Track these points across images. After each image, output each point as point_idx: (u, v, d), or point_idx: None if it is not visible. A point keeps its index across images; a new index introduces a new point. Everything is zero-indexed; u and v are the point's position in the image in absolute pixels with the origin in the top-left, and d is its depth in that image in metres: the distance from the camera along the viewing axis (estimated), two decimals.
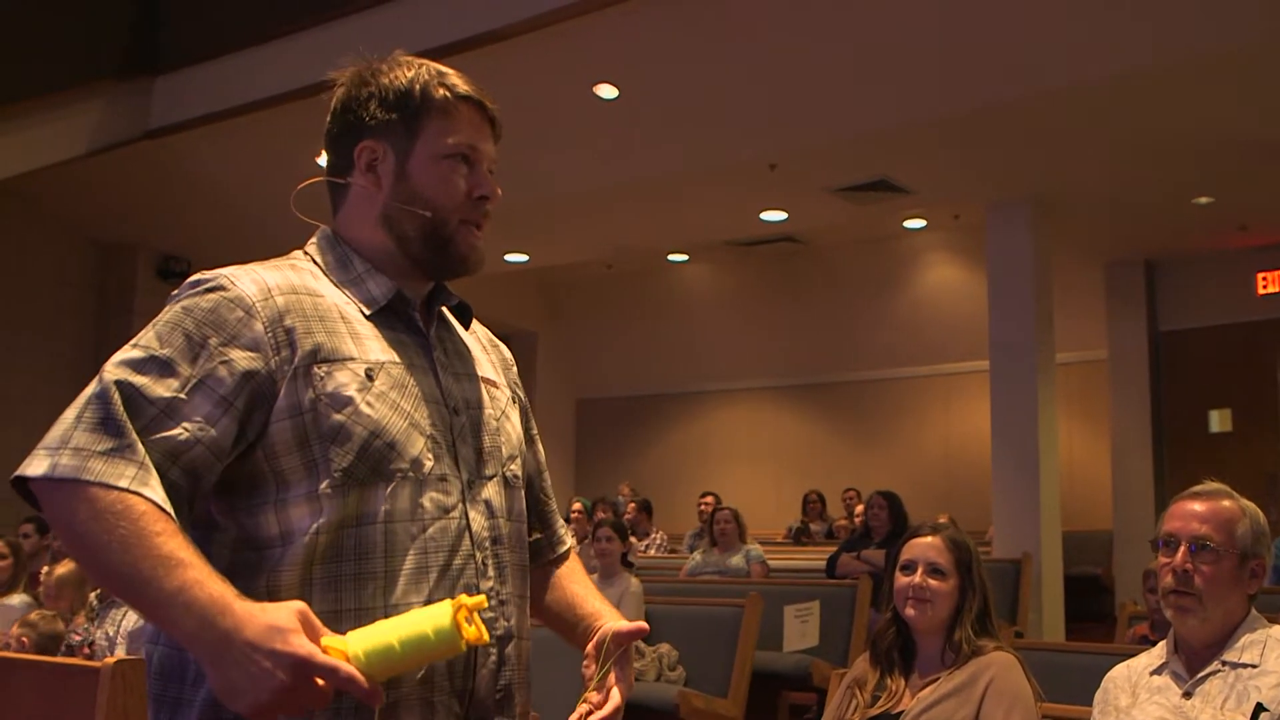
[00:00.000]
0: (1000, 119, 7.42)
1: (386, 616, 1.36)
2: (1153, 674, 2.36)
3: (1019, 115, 7.34)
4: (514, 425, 1.71)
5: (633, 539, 9.11)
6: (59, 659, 4.16)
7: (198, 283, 1.50)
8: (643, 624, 1.67)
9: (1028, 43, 6.58)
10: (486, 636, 1.36)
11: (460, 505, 1.54)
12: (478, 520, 1.56)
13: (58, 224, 10.46)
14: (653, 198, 9.27)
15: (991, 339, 8.75)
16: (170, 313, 1.46)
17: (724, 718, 5.26)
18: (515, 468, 1.67)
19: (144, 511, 1.30)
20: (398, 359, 1.53)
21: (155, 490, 1.33)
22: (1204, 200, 8.98)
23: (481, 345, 1.75)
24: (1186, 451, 10.28)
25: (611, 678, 1.62)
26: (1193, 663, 2.30)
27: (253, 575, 1.42)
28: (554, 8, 6.55)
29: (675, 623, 5.70)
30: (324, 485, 1.43)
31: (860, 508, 8.92)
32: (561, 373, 13.87)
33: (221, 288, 1.48)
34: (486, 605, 1.42)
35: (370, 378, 1.48)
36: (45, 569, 5.53)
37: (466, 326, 1.73)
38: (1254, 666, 2.21)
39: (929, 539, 2.74)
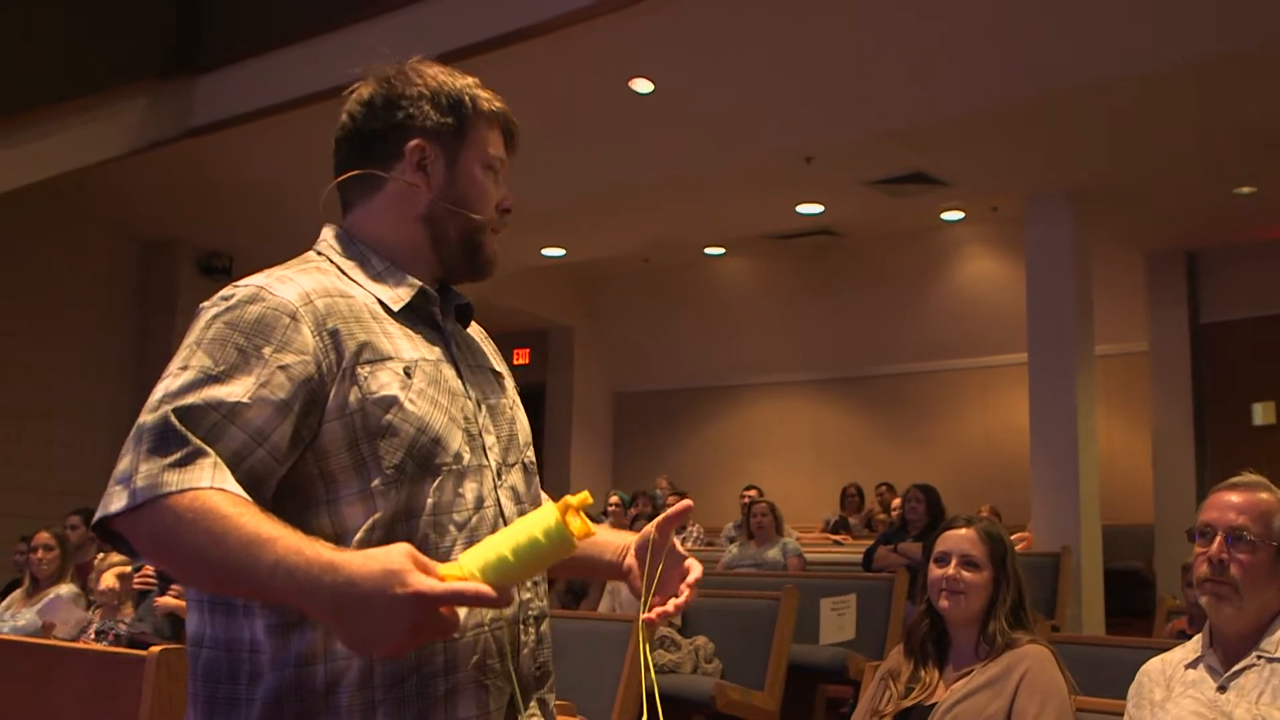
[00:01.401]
0: (1039, 110, 7.37)
1: None
2: (1188, 667, 2.35)
3: (1058, 106, 7.29)
4: (523, 414, 1.75)
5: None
6: (106, 647, 4.23)
7: (233, 294, 1.52)
8: (688, 502, 1.70)
9: (1066, 34, 6.53)
10: (593, 529, 1.41)
11: (494, 494, 1.59)
12: (508, 507, 1.61)
13: (101, 222, 10.60)
14: (689, 191, 9.28)
15: (1030, 331, 8.70)
16: (214, 328, 1.47)
17: (760, 710, 5.29)
18: (531, 454, 1.73)
19: (220, 501, 1.32)
20: (427, 355, 1.57)
21: (230, 483, 1.36)
22: (1246, 190, 8.88)
23: (481, 339, 1.78)
24: (1229, 445, 10.18)
25: (680, 550, 1.65)
26: (1228, 656, 2.30)
27: None
28: (588, 4, 6.57)
29: (711, 615, 5.72)
30: (376, 483, 1.47)
31: (896, 501, 8.90)
32: (599, 367, 13.90)
33: (261, 298, 1.50)
34: (591, 501, 1.44)
35: (409, 375, 1.52)
36: (99, 557, 5.62)
37: (466, 327, 1.75)
38: None
39: (963, 531, 2.75)
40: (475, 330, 1.78)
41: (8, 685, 3.80)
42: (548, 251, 10.92)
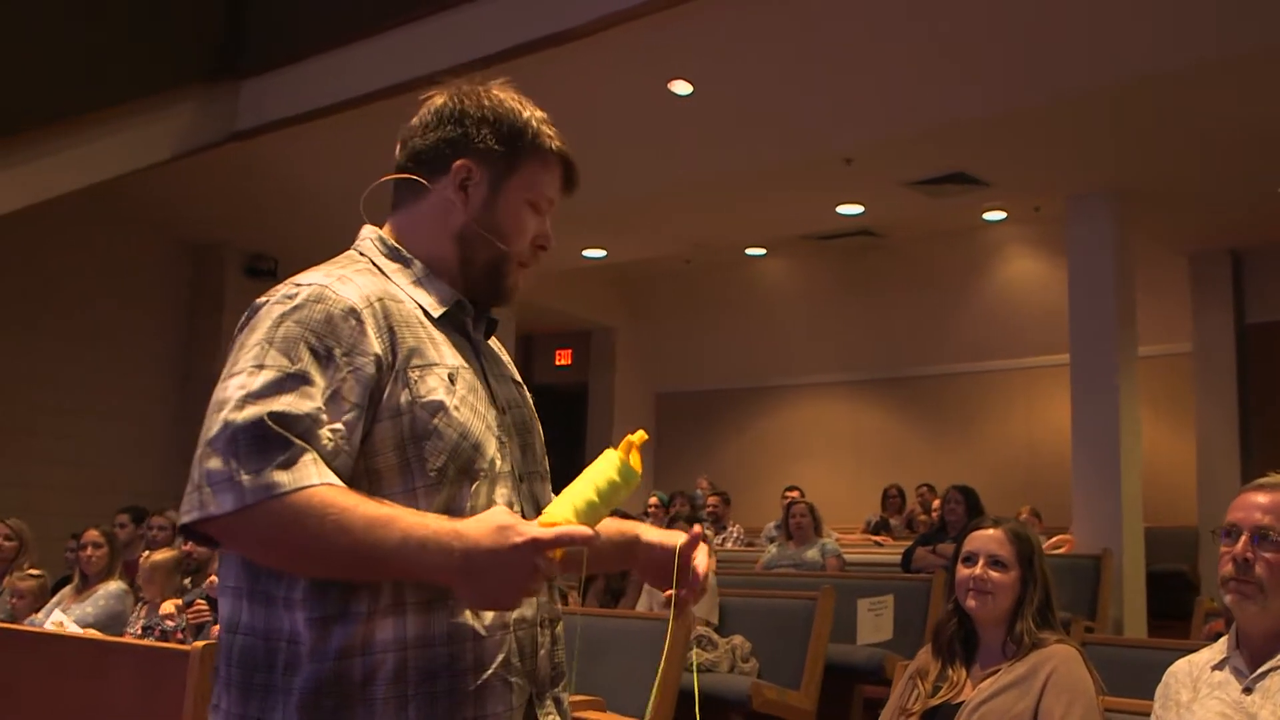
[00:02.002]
0: (1081, 109, 7.34)
1: None
2: (1214, 669, 2.35)
3: (1100, 105, 7.26)
4: (539, 424, 1.81)
5: (709, 532, 9.16)
6: (152, 642, 4.32)
7: (297, 293, 1.55)
8: (698, 529, 1.79)
9: (1108, 31, 6.50)
10: (640, 469, 1.58)
11: (518, 499, 1.65)
12: (528, 511, 1.66)
13: (149, 225, 10.76)
14: (729, 193, 9.30)
15: (1072, 332, 8.66)
16: (285, 327, 1.50)
17: (797, 710, 5.31)
18: (547, 462, 1.80)
19: (337, 494, 1.41)
20: (465, 363, 1.63)
21: (333, 477, 1.43)
22: None
23: (498, 349, 1.83)
24: (1275, 446, 10.06)
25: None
26: (1254, 658, 2.30)
27: None
28: (627, 6, 6.61)
29: (749, 615, 5.75)
30: (419, 483, 1.53)
31: (936, 502, 8.88)
32: (641, 367, 13.94)
33: (326, 298, 1.53)
34: (646, 437, 1.60)
35: (453, 382, 1.58)
36: (144, 554, 5.73)
37: (486, 339, 1.79)
38: None
39: (990, 531, 2.77)
40: (493, 341, 1.83)
41: (58, 679, 3.90)
42: (589, 253, 10.97)
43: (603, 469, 1.55)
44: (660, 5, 6.54)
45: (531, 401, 1.81)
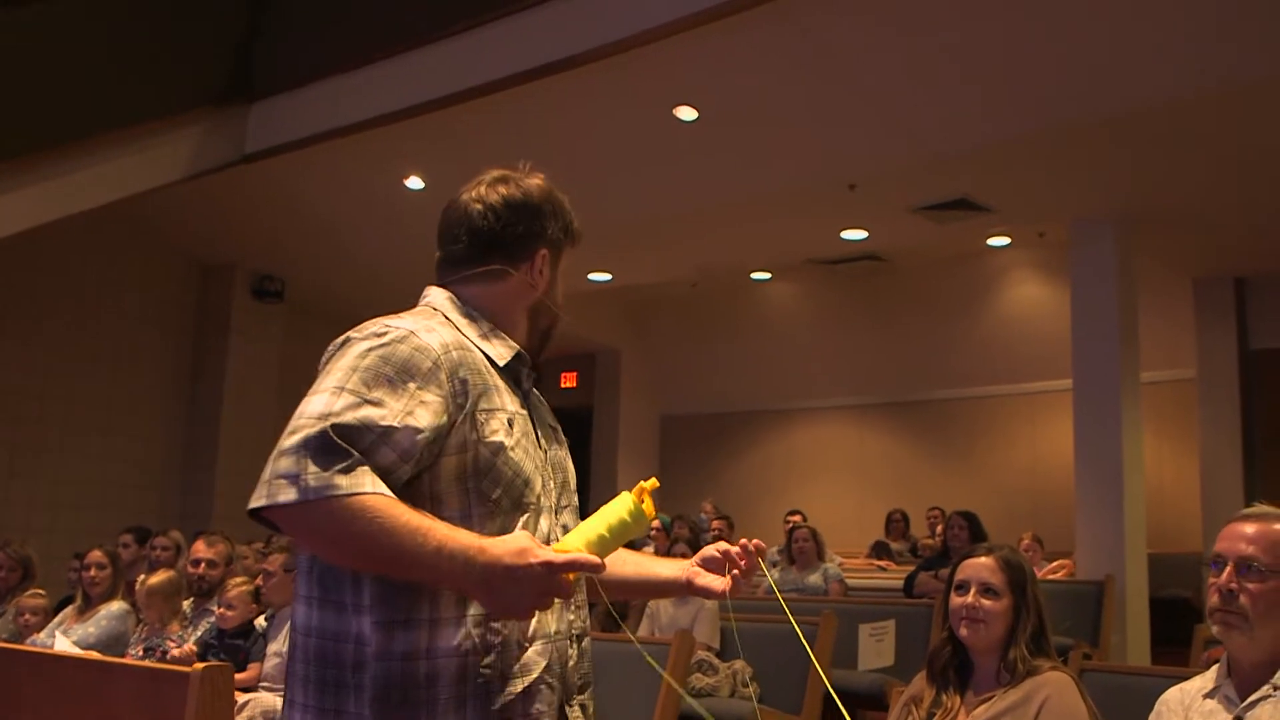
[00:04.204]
0: (1085, 135, 7.36)
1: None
2: (1205, 697, 2.36)
3: (1104, 131, 7.27)
4: (572, 463, 2.07)
5: None
6: (152, 664, 4.34)
7: (386, 333, 1.79)
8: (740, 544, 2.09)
9: (1113, 58, 6.52)
10: (653, 513, 1.82)
11: (554, 529, 1.90)
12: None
13: (158, 245, 10.83)
14: (734, 217, 9.33)
15: (1075, 357, 8.67)
16: (369, 359, 1.74)
17: None
18: (577, 497, 2.05)
19: (386, 503, 1.62)
20: (519, 409, 1.89)
21: (385, 489, 1.64)
22: None
23: (538, 399, 2.06)
24: (1279, 472, 10.07)
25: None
26: (1244, 686, 2.31)
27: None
28: (632, 32, 6.66)
29: (751, 640, 5.74)
30: (476, 511, 1.78)
31: (941, 527, 8.87)
32: (645, 390, 13.96)
33: (411, 341, 1.78)
34: (658, 484, 1.88)
35: (511, 425, 1.84)
36: (140, 579, 5.73)
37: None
38: None
39: (982, 559, 2.78)
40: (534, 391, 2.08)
41: (60, 699, 3.91)
42: (594, 276, 11.00)
43: (616, 509, 1.79)
44: (665, 32, 6.58)
45: (565, 444, 2.06)
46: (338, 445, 1.62)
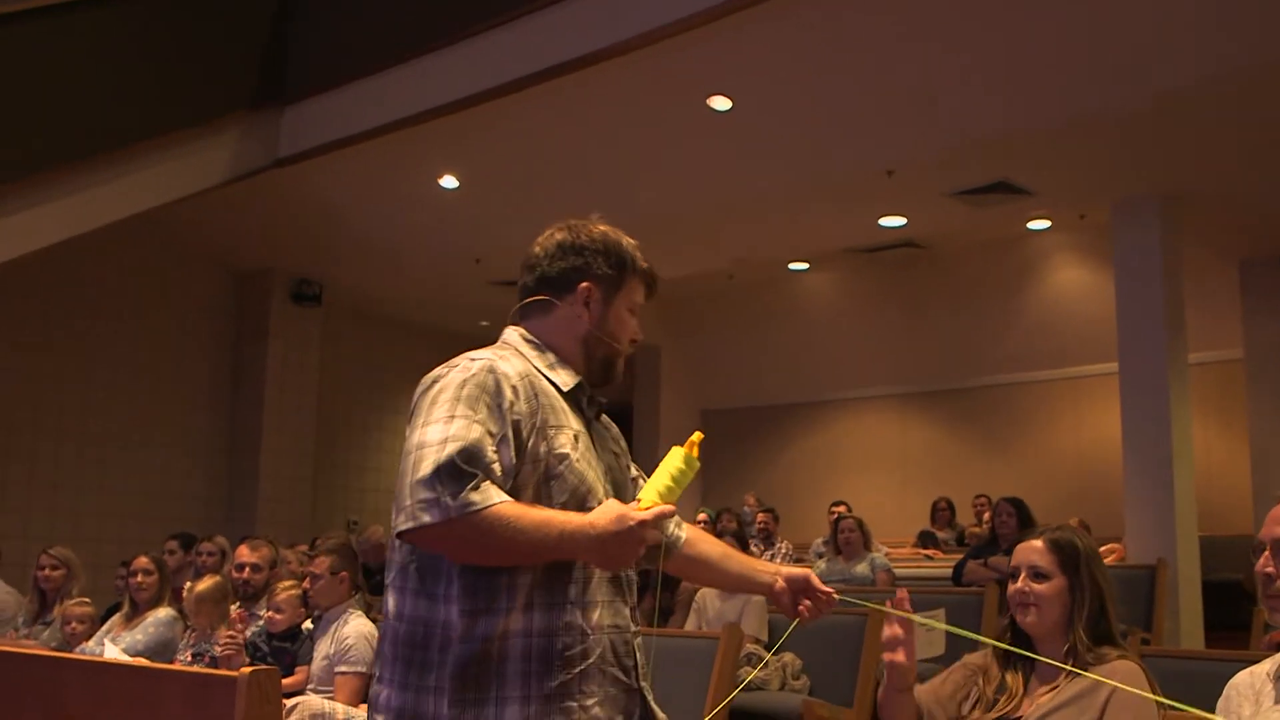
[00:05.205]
0: (1125, 116, 7.27)
1: (580, 606, 2.05)
2: (1275, 681, 2.30)
3: (1145, 111, 7.17)
4: (629, 480, 2.34)
5: (757, 548, 9.10)
6: (200, 669, 4.33)
7: (473, 365, 2.07)
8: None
9: (1152, 38, 6.43)
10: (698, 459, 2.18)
11: None
12: None
13: (195, 252, 10.88)
14: (770, 208, 9.27)
15: (1120, 340, 8.55)
16: (468, 389, 2.01)
17: None
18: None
19: (512, 508, 1.92)
20: (583, 429, 2.18)
21: (507, 496, 1.94)
22: None
23: (606, 425, 2.35)
24: None
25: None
26: None
27: (495, 574, 2.00)
28: (664, 23, 6.61)
29: (799, 632, 5.66)
30: None
31: (989, 515, 8.78)
32: (685, 385, 13.91)
33: (495, 369, 2.06)
34: (702, 437, 2.23)
35: (577, 440, 2.12)
36: (187, 585, 5.74)
37: (598, 418, 2.30)
38: None
39: (1032, 543, 2.70)
40: (604, 419, 2.36)
41: (108, 707, 3.90)
42: None
43: (674, 461, 2.14)
44: (698, 21, 6.53)
45: (629, 464, 2.36)
46: (463, 469, 1.90)
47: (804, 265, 12.51)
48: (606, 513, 1.98)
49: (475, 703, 1.97)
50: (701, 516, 9.61)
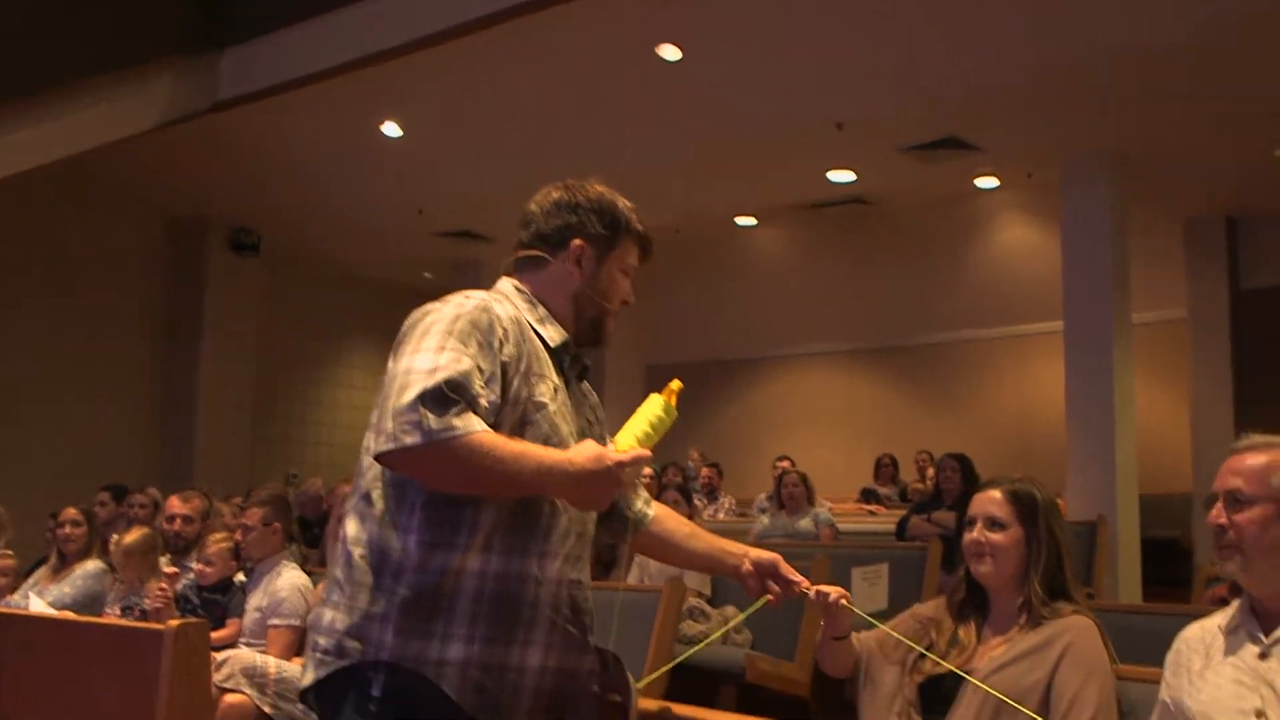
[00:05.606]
0: (1074, 75, 7.26)
1: (538, 555, 2.05)
2: (1228, 634, 2.27)
3: (1094, 71, 7.16)
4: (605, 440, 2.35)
5: (700, 502, 9.09)
6: (126, 622, 4.22)
7: (467, 302, 2.08)
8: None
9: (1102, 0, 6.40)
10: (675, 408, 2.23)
11: None
12: None
13: (129, 198, 10.62)
14: (718, 160, 9.20)
15: (1066, 299, 8.60)
16: (460, 324, 2.03)
17: (791, 681, 5.23)
18: None
19: (493, 438, 1.94)
20: (562, 384, 2.20)
21: (487, 427, 1.95)
22: None
23: (586, 391, 2.37)
24: (1269, 412, 9.94)
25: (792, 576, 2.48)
26: (1267, 622, 2.21)
27: (458, 508, 2.01)
28: None
29: (742, 586, 5.65)
30: None
31: (931, 471, 8.81)
32: (631, 338, 13.81)
33: (489, 309, 2.08)
34: (682, 386, 2.27)
35: (556, 394, 2.15)
36: (115, 538, 5.60)
37: (580, 380, 2.34)
38: None
39: (989, 493, 2.66)
40: (585, 387, 2.39)
41: (35, 659, 3.81)
42: None
43: (652, 408, 2.19)
44: None
45: (601, 426, 2.36)
46: (449, 395, 1.91)
47: (752, 220, 12.46)
48: (584, 451, 2.00)
49: (420, 634, 1.98)
50: (647, 470, 9.57)
